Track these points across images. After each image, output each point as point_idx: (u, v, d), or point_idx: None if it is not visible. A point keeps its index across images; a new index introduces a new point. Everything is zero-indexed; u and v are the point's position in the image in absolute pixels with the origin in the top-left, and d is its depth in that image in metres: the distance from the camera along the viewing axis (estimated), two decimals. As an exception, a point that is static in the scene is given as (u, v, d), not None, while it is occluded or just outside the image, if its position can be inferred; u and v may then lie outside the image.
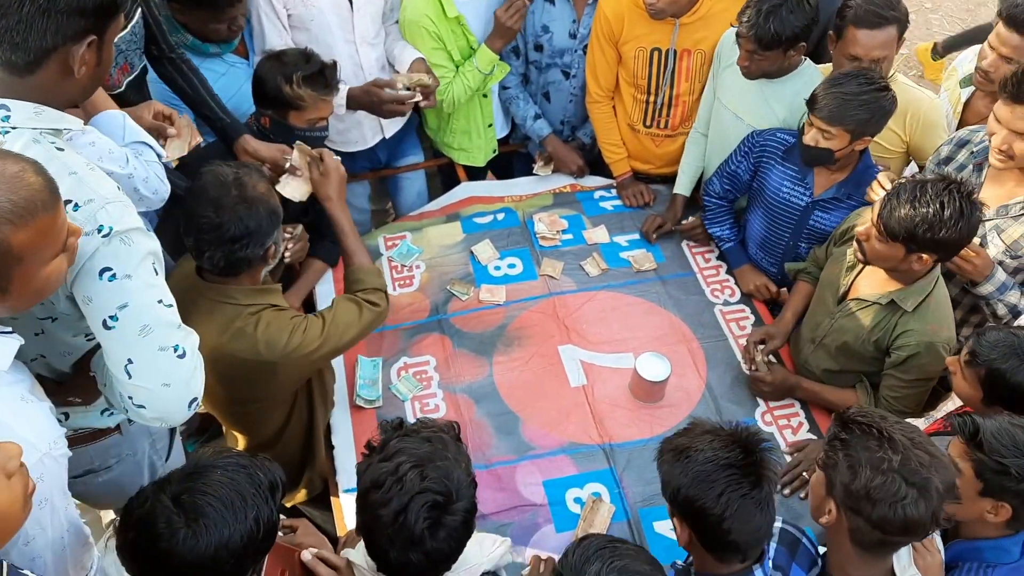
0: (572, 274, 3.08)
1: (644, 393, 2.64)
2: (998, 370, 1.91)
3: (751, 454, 1.61)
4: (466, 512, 1.59)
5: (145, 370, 1.62)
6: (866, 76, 2.45)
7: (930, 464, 1.56)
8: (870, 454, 1.57)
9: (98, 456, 2.04)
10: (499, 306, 2.96)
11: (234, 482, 1.47)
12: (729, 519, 1.56)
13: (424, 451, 1.60)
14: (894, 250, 2.22)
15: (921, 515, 1.53)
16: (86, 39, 1.58)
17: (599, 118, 3.36)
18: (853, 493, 1.58)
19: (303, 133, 2.63)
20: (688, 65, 3.09)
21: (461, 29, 3.16)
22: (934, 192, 2.11)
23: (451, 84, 3.20)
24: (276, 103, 2.59)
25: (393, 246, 3.19)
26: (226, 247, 2.03)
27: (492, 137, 3.52)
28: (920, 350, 2.31)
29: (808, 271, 2.81)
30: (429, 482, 1.55)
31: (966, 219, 2.11)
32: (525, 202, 3.42)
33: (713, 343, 2.85)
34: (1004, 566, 1.78)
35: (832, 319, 2.52)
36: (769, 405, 2.68)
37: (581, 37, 3.24)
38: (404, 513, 1.53)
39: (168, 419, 1.70)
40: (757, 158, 2.87)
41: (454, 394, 2.69)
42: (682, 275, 3.12)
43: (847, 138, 2.49)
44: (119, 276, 1.58)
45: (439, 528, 1.55)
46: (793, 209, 2.80)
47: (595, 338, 2.85)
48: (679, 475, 1.62)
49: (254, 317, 2.10)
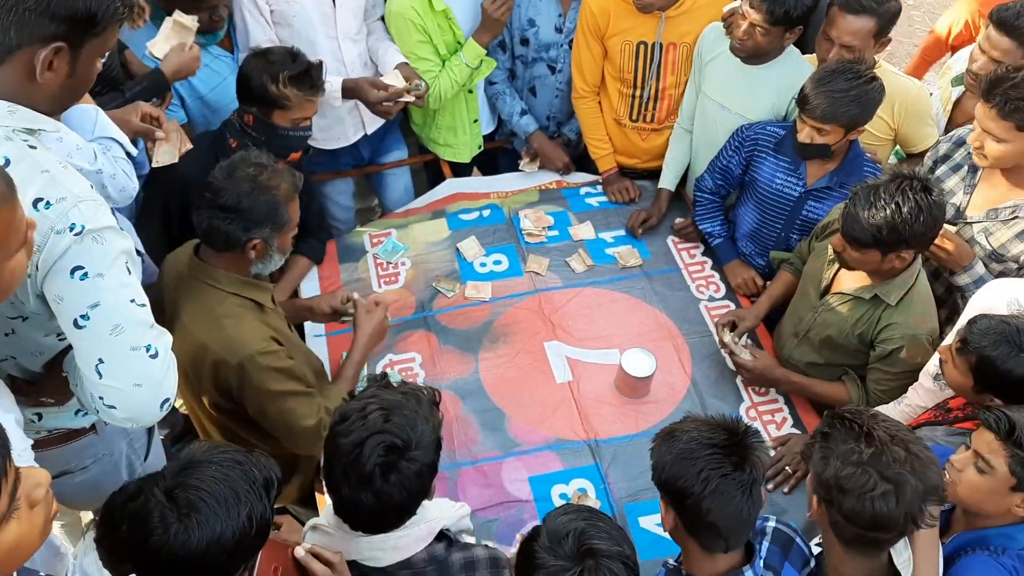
0: (558, 270, 3.08)
1: (629, 389, 2.64)
2: (988, 357, 1.92)
3: (734, 436, 1.62)
4: (423, 465, 1.62)
5: (116, 370, 1.60)
6: (852, 70, 2.47)
7: (905, 460, 1.54)
8: (845, 447, 1.58)
9: (74, 457, 2.02)
10: (485, 303, 2.95)
11: (228, 478, 1.45)
12: (709, 498, 1.56)
13: (395, 400, 1.66)
14: (870, 256, 2.24)
15: (891, 511, 1.52)
16: (52, 44, 1.55)
17: (585, 113, 3.36)
18: (824, 482, 1.59)
19: (286, 132, 2.61)
20: (674, 58, 3.09)
21: (448, 23, 3.15)
22: (888, 194, 2.13)
23: (437, 79, 3.19)
24: (261, 101, 2.56)
25: (378, 243, 3.19)
26: (213, 212, 2.03)
27: (478, 133, 3.52)
28: (904, 343, 2.33)
29: (791, 262, 2.82)
30: (391, 425, 1.60)
31: (926, 211, 2.12)
32: (511, 198, 3.41)
33: (698, 339, 2.86)
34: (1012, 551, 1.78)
35: (815, 313, 2.53)
36: (754, 400, 2.69)
37: (567, 31, 3.23)
38: (361, 447, 1.58)
39: (139, 420, 1.68)
40: (749, 152, 2.88)
41: (440, 391, 2.68)
42: (667, 271, 3.12)
43: (841, 132, 2.52)
44: (91, 275, 1.56)
45: (391, 471, 1.58)
46: (786, 200, 2.81)
47: (581, 334, 2.85)
48: (664, 454, 1.64)
49: (235, 313, 2.09)
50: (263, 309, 2.19)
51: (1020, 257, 2.39)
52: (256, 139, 2.61)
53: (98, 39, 1.63)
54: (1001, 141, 2.27)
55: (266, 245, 2.10)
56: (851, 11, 2.59)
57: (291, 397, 2.15)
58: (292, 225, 2.15)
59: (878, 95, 2.48)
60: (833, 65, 2.53)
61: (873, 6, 2.58)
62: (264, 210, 2.05)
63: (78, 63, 1.62)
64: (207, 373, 2.11)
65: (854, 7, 2.58)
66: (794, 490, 2.43)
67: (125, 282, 1.62)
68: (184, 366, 2.14)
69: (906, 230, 2.14)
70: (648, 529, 2.34)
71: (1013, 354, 1.89)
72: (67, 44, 1.57)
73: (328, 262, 3.13)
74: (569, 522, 1.57)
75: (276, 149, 2.58)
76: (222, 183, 2.04)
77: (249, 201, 2.02)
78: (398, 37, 3.15)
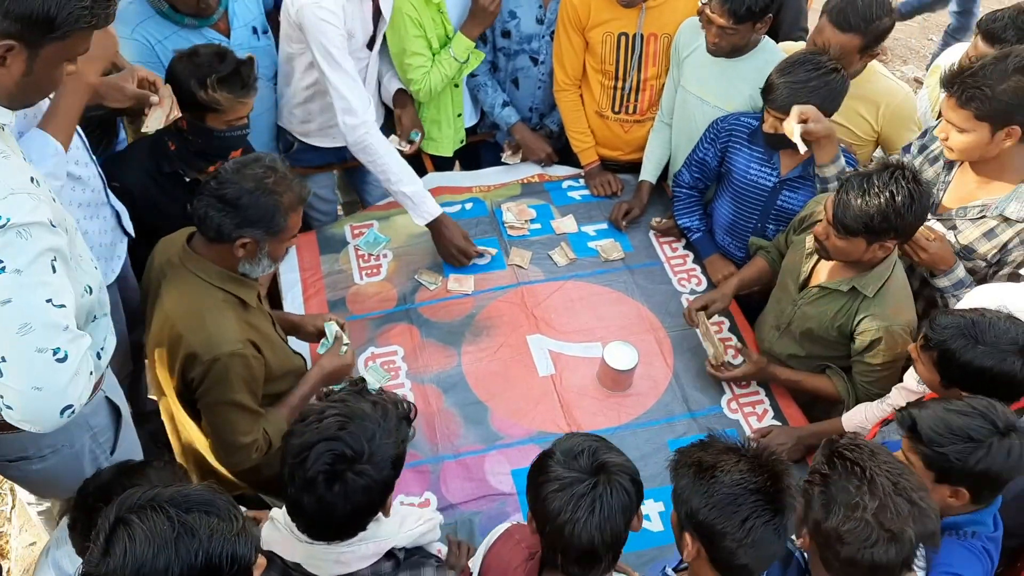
0: (540, 264, 3.08)
1: (612, 382, 2.65)
2: (949, 350, 1.96)
3: (778, 480, 1.54)
4: (372, 480, 1.58)
5: (18, 370, 1.56)
6: (813, 61, 2.49)
7: (908, 514, 1.53)
8: (847, 496, 1.56)
9: (31, 444, 1.98)
10: (467, 296, 2.95)
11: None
12: (748, 546, 1.51)
13: (359, 409, 1.61)
14: (855, 244, 2.25)
15: (890, 560, 1.52)
16: (4, 41, 1.54)
17: (566, 106, 3.36)
18: (824, 531, 1.58)
19: (222, 134, 2.53)
20: (655, 49, 3.10)
21: (440, 17, 3.13)
22: (881, 182, 2.15)
23: (428, 74, 3.18)
24: (192, 106, 2.46)
25: (360, 234, 3.17)
26: (211, 201, 2.02)
27: (461, 127, 3.50)
28: (881, 334, 2.35)
29: (768, 250, 2.84)
30: (345, 434, 1.57)
31: (918, 201, 2.15)
32: (493, 192, 3.40)
33: (680, 332, 2.86)
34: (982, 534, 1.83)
35: (795, 306, 2.55)
36: (735, 392, 2.70)
37: (548, 22, 3.23)
38: (308, 451, 1.55)
39: (36, 424, 1.63)
40: (724, 143, 2.89)
41: (422, 384, 2.67)
42: (650, 264, 3.13)
43: None
44: (8, 269, 1.53)
45: (336, 480, 1.55)
46: (761, 190, 2.82)
47: (563, 327, 2.85)
48: (702, 495, 1.55)
49: (217, 307, 2.08)
50: (247, 307, 2.18)
51: (988, 255, 2.42)
52: (193, 142, 2.55)
53: (61, 43, 1.60)
54: (963, 131, 2.29)
55: (256, 247, 2.08)
56: (839, 27, 2.59)
57: (238, 410, 2.14)
58: (289, 234, 2.13)
59: (840, 85, 2.51)
60: (795, 56, 2.55)
61: (861, 25, 2.58)
62: (261, 212, 2.03)
63: (35, 63, 1.60)
64: (178, 363, 2.10)
65: (841, 23, 2.59)
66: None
67: (45, 281, 1.59)
68: (158, 350, 2.13)
69: (897, 219, 2.16)
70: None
71: (970, 346, 1.93)
72: (22, 43, 1.55)
73: (309, 253, 3.10)
74: (583, 441, 1.65)
75: (215, 151, 2.55)
76: (229, 175, 2.03)
77: (249, 199, 2.01)
78: (392, 32, 3.12)
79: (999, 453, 1.70)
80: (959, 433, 1.73)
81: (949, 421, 1.74)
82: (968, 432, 1.72)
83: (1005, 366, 1.90)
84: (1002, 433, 1.71)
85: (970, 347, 1.93)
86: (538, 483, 1.62)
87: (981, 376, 1.92)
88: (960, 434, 1.72)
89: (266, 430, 2.23)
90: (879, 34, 2.63)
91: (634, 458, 1.71)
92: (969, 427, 1.72)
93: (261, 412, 2.23)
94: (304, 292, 2.96)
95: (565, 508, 1.55)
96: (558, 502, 1.56)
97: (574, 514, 1.55)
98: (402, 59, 3.17)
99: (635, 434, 2.55)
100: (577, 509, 1.55)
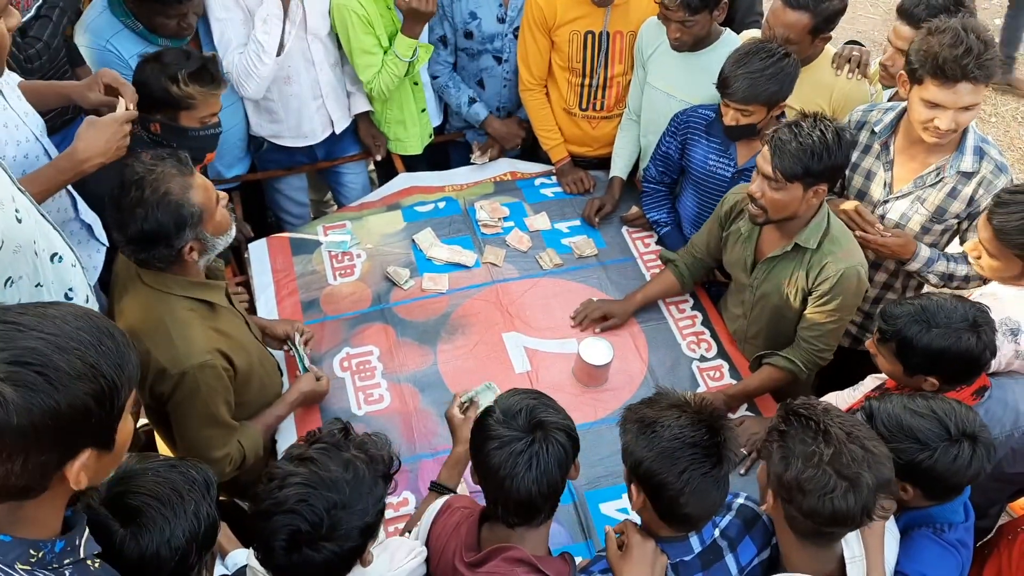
0: (514, 261, 3.09)
1: (587, 377, 2.67)
2: (905, 338, 1.99)
3: (716, 434, 1.64)
4: (333, 554, 1.49)
5: None
6: (765, 49, 2.54)
7: (863, 459, 1.59)
8: (804, 447, 1.61)
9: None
10: (442, 294, 2.95)
11: (169, 480, 1.44)
12: (687, 495, 1.61)
13: (331, 475, 1.51)
14: (793, 192, 2.29)
15: (849, 507, 1.57)
16: None
17: (533, 106, 3.38)
18: (785, 484, 1.62)
19: (197, 133, 2.51)
20: (621, 46, 3.14)
21: (390, 13, 3.12)
22: (808, 125, 2.25)
23: (379, 74, 3.17)
24: (164, 105, 2.44)
25: (332, 235, 3.16)
26: (130, 248, 1.99)
27: (427, 123, 3.50)
28: (841, 274, 2.37)
29: (676, 263, 2.87)
30: (305, 507, 1.47)
31: (844, 143, 2.25)
32: (466, 190, 3.41)
33: (654, 326, 2.89)
34: (957, 525, 1.87)
35: (753, 290, 2.59)
36: (709, 386, 2.73)
37: (510, 20, 3.24)
38: (267, 520, 1.48)
39: None
40: (683, 136, 2.93)
41: (398, 384, 2.67)
42: (622, 260, 3.15)
43: (764, 110, 2.60)
44: None
45: (293, 552, 1.48)
46: (720, 181, 2.86)
47: (538, 324, 2.87)
48: (643, 448, 1.65)
49: (183, 319, 2.06)
50: (214, 309, 2.16)
51: (960, 212, 2.51)
52: (168, 147, 2.52)
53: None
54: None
55: (199, 241, 2.04)
56: (788, 4, 2.67)
57: (210, 424, 2.13)
58: (210, 208, 2.04)
59: (793, 69, 2.57)
60: (746, 47, 2.59)
61: (809, 3, 2.64)
62: (172, 219, 1.95)
63: None
64: (148, 378, 2.07)
65: (792, 2, 2.65)
66: (749, 471, 2.48)
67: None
68: None
69: (829, 157, 2.23)
70: (609, 515, 2.36)
71: (925, 329, 1.97)
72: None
73: (282, 255, 3.09)
74: (521, 400, 1.72)
75: (192, 153, 2.51)
76: (117, 217, 1.95)
77: (152, 223, 1.93)
78: (342, 31, 3.11)
79: (943, 458, 1.75)
80: (907, 433, 1.77)
81: (902, 419, 1.79)
82: (916, 433, 1.77)
83: (962, 344, 1.94)
84: (953, 439, 1.75)
85: (925, 331, 1.97)
86: (479, 440, 1.70)
87: (942, 357, 1.96)
88: (908, 434, 1.77)
89: (241, 443, 2.21)
90: (829, 15, 2.70)
91: (611, 452, 1.75)
92: (919, 428, 1.77)
93: (235, 425, 2.21)
94: (277, 294, 2.95)
95: (504, 464, 1.63)
96: (497, 459, 1.64)
97: (512, 470, 1.63)
98: (354, 59, 3.16)
99: (612, 429, 2.50)
100: (516, 465, 1.63)
